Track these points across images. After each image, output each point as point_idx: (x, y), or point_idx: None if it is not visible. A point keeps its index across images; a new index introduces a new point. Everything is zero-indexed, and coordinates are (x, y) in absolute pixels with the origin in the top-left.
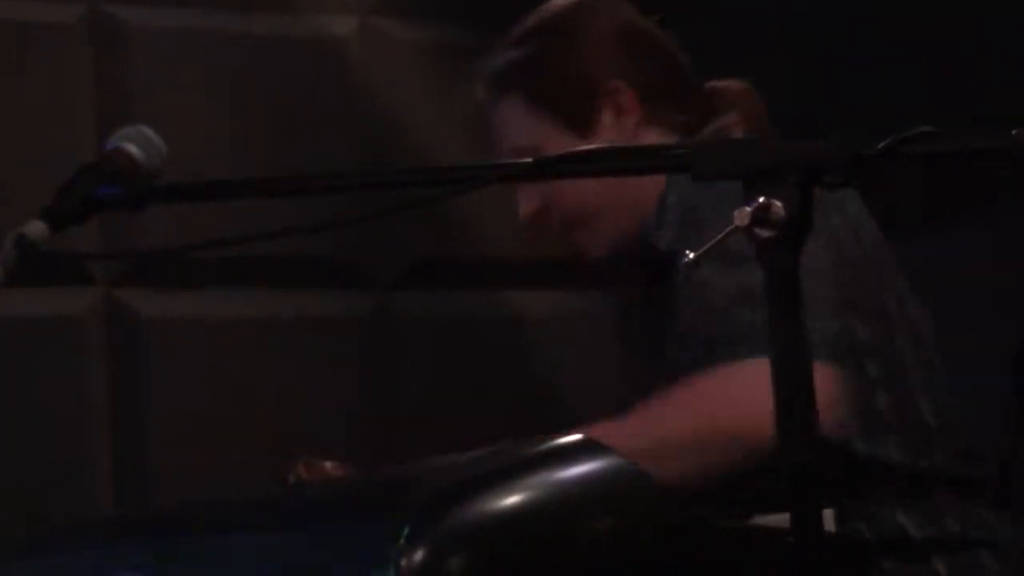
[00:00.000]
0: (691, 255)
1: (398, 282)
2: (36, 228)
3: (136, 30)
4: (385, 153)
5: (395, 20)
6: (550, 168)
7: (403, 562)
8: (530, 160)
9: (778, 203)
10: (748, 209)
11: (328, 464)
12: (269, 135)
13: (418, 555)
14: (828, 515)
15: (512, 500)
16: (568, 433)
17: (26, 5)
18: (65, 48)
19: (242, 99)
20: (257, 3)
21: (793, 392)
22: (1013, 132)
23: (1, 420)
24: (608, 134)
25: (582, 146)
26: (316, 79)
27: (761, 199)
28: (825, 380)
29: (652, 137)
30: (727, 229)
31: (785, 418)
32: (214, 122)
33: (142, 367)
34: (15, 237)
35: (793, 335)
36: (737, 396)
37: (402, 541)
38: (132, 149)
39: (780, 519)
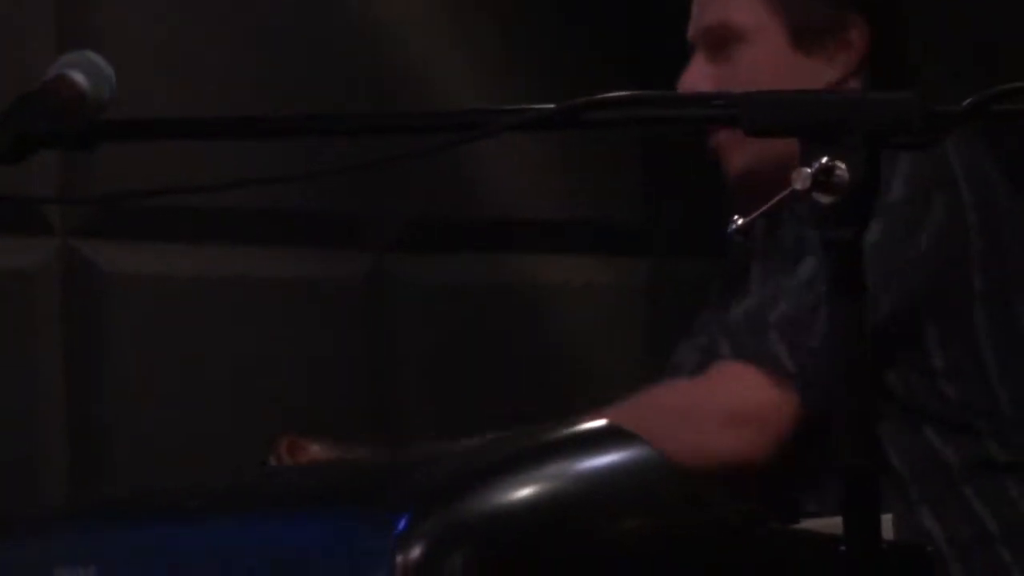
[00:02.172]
0: (739, 220)
1: (395, 242)
2: None
3: None
4: (388, 95)
5: None
6: (575, 115)
7: (399, 558)
8: (552, 107)
9: (842, 165)
10: (808, 171)
11: (315, 447)
12: (258, 71)
13: (416, 550)
14: (887, 520)
15: (525, 491)
16: (581, 416)
17: None
18: None
19: (227, 26)
20: None
21: (848, 386)
22: None
23: None
24: (819, 61)
25: (792, 58)
26: (320, 17)
27: (824, 159)
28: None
29: (853, 86)
30: (784, 192)
31: (841, 415)
32: (193, 54)
33: (102, 328)
34: None
35: (851, 316)
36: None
37: (398, 534)
38: (77, 77)
39: (832, 524)
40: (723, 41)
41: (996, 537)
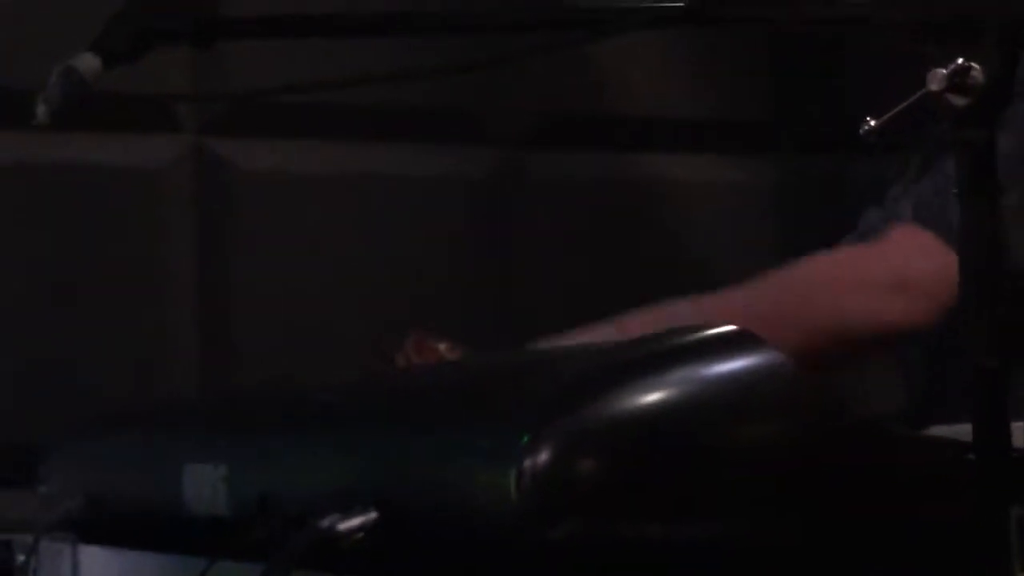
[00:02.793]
0: (871, 122)
1: (524, 138)
2: (86, 62)
3: None
4: None
5: None
6: (705, 12)
7: (526, 463)
8: (680, 3)
9: (977, 66)
10: (944, 72)
11: (442, 345)
12: None
13: (543, 455)
14: (1019, 428)
15: (651, 396)
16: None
17: None
18: None
19: None
20: None
21: (981, 288)
22: None
23: (81, 279)
24: None
25: None
26: None
27: (960, 60)
28: None
29: None
30: (918, 93)
31: (972, 320)
32: None
33: (233, 224)
34: (62, 71)
35: (985, 223)
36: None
37: (526, 439)
38: None
39: (962, 431)
40: None
41: None
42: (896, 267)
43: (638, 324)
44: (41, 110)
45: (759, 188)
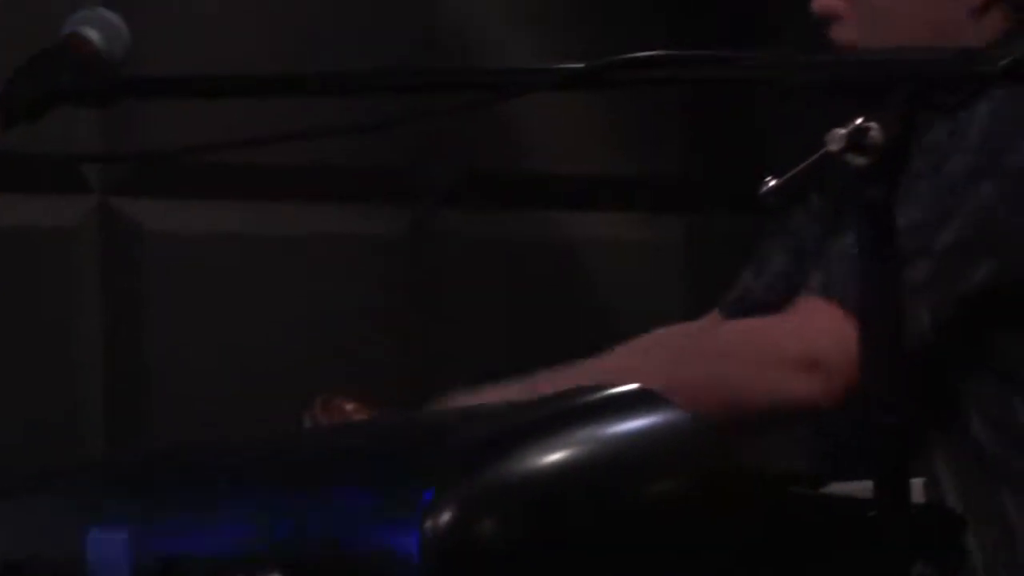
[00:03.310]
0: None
1: (441, 198)
2: None
3: None
4: (434, 53)
5: None
6: (605, 74)
7: (427, 524)
8: (582, 66)
9: (876, 126)
10: (843, 131)
11: (350, 406)
12: (300, 27)
13: (445, 517)
14: (917, 484)
15: (556, 456)
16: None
17: None
18: None
19: None
20: None
21: (880, 347)
22: None
23: None
24: (974, 11)
25: (938, 4)
26: None
27: (858, 120)
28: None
29: (996, 19)
30: (817, 154)
31: (871, 374)
32: (238, 10)
33: (141, 285)
34: None
35: (885, 282)
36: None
37: (427, 502)
38: (91, 34)
39: (862, 487)
40: None
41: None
42: (807, 344)
43: (549, 385)
44: None
45: (669, 245)
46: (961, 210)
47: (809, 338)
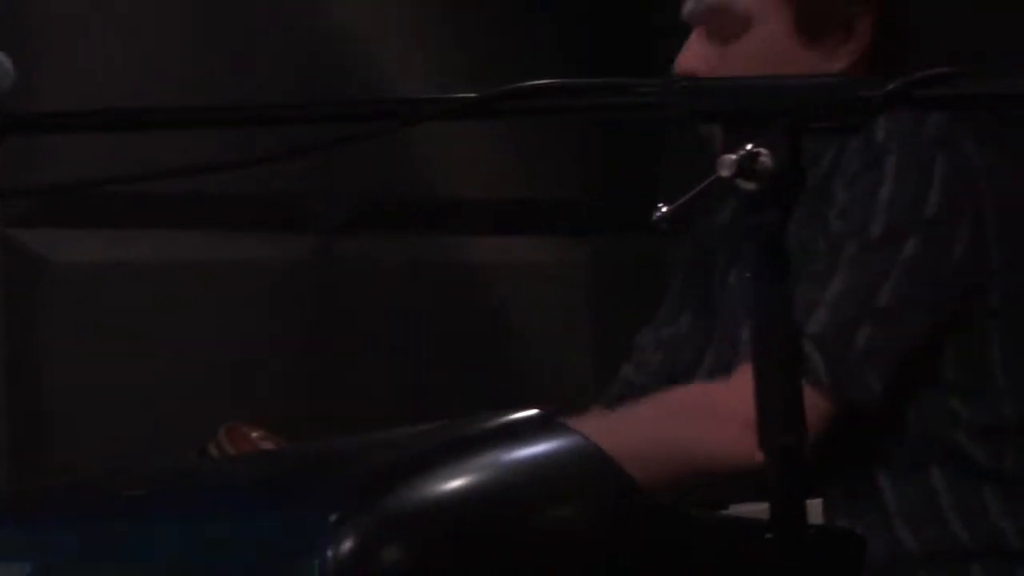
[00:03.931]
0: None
1: (342, 224)
2: None
3: None
4: (332, 84)
5: None
6: (496, 104)
7: (330, 552)
8: (473, 96)
9: (765, 152)
10: (733, 157)
11: (255, 434)
12: (202, 62)
13: (347, 544)
14: (815, 506)
15: (456, 483)
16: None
17: None
18: None
19: (165, 19)
20: None
21: (773, 371)
22: None
23: None
24: (822, 51)
25: (795, 46)
26: None
27: (749, 146)
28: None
29: (858, 75)
30: (708, 179)
31: (766, 398)
32: (137, 47)
33: (43, 317)
34: None
35: (777, 306)
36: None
37: (330, 527)
38: None
39: (759, 509)
40: (724, 24)
41: (970, 552)
42: (748, 409)
43: None
44: None
45: (574, 268)
46: (893, 271)
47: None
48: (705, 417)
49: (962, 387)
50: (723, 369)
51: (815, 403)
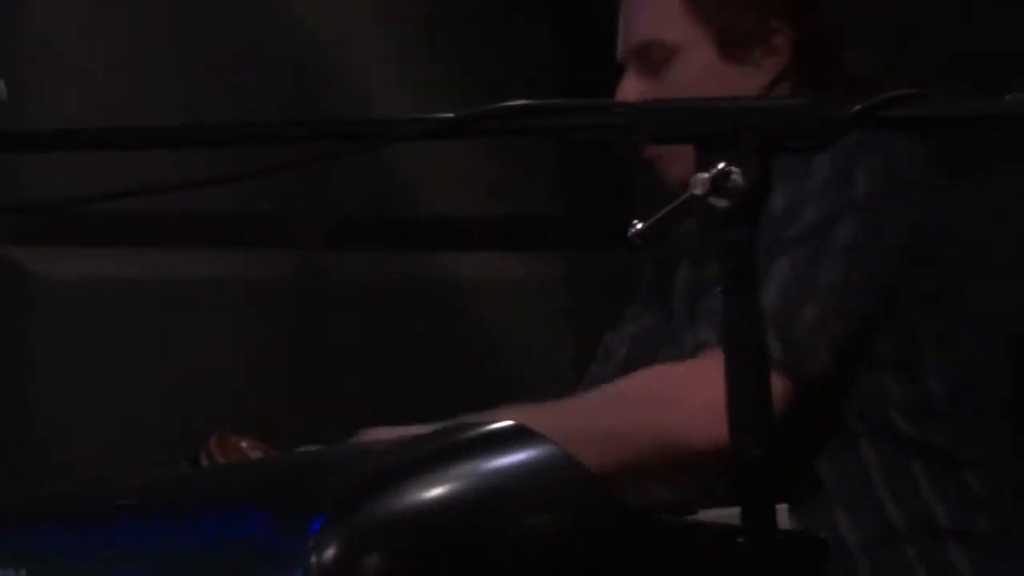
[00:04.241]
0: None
1: (323, 241)
2: None
3: None
4: (314, 103)
5: None
6: (473, 124)
7: (312, 560)
8: (451, 115)
9: (736, 170)
10: (706, 176)
11: (244, 443)
12: (185, 79)
13: (329, 552)
14: (783, 511)
15: (436, 492)
16: (499, 414)
17: None
18: None
19: (151, 40)
20: None
21: (745, 380)
22: (1007, 96)
23: None
24: (748, 69)
25: (722, 68)
26: (238, 19)
27: (721, 165)
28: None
29: (782, 90)
30: (682, 197)
31: (736, 406)
32: (123, 64)
33: (34, 332)
34: None
35: (748, 317)
36: (694, 397)
37: (312, 536)
38: None
39: (730, 514)
40: (654, 58)
41: (904, 535)
42: (709, 391)
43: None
44: None
45: (553, 282)
46: (829, 253)
47: (712, 386)
48: (669, 399)
49: (894, 365)
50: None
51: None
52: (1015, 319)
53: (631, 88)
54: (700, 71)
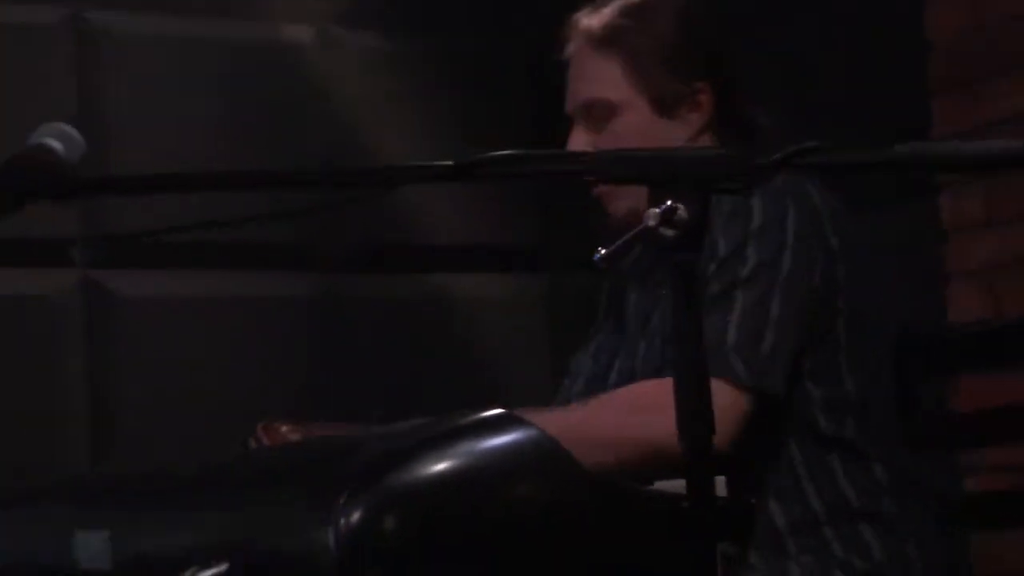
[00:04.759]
0: (602, 251)
1: (345, 266)
2: None
3: (112, 33)
4: (339, 149)
5: (348, 29)
6: (470, 171)
7: (341, 522)
8: (451, 163)
9: (682, 206)
10: (657, 211)
11: (284, 428)
12: (232, 132)
13: (355, 516)
14: (720, 482)
15: (441, 466)
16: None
17: (11, 7)
18: (47, 49)
19: (209, 99)
20: (225, 11)
21: (691, 381)
22: (896, 147)
23: None
24: (676, 123)
25: (655, 123)
26: (277, 81)
27: (669, 202)
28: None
29: (706, 139)
30: (637, 228)
31: (684, 398)
32: (182, 120)
33: (116, 342)
34: None
35: (691, 318)
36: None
37: (341, 502)
38: (54, 144)
39: (678, 485)
40: (597, 114)
41: (823, 520)
42: None
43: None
44: None
45: (533, 300)
46: (776, 287)
47: None
48: (653, 409)
49: (818, 373)
50: (627, 375)
51: (737, 399)
52: (887, 325)
53: (578, 139)
54: (636, 126)
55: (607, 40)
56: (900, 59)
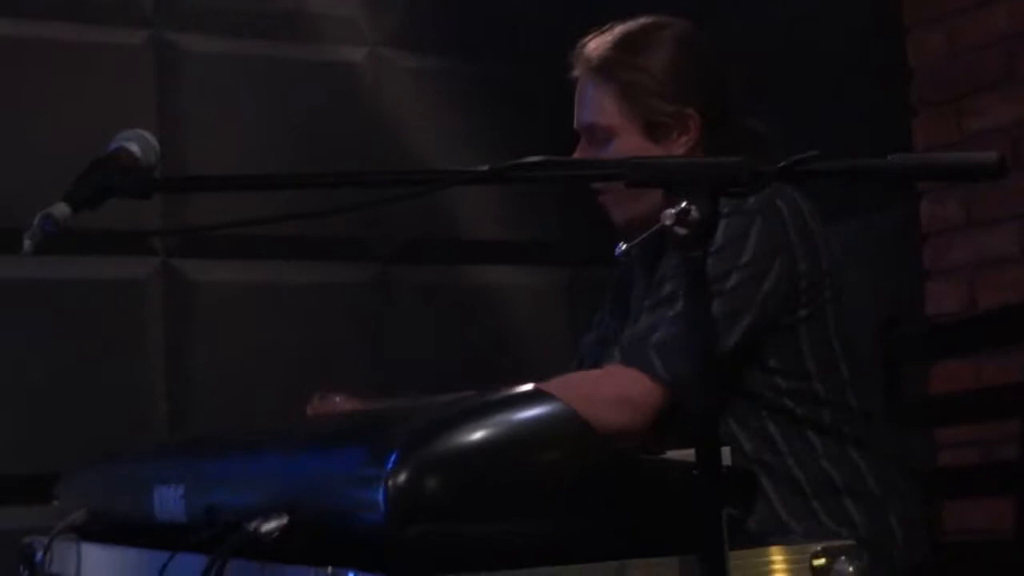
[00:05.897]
0: (623, 245)
1: (394, 257)
2: (60, 209)
3: (188, 53)
4: (387, 155)
5: (400, 50)
6: (503, 175)
7: (390, 482)
8: (487, 168)
9: (694, 207)
10: (672, 211)
11: (338, 398)
12: (292, 140)
13: (403, 476)
14: (725, 452)
15: (479, 434)
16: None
17: (96, 29)
18: (131, 66)
19: (270, 113)
20: (285, 33)
21: (699, 359)
22: (889, 156)
23: (75, 370)
24: (667, 144)
25: (645, 146)
26: (331, 98)
27: (683, 204)
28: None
29: (695, 155)
30: (655, 227)
31: (693, 376)
32: (250, 132)
33: (192, 322)
34: (42, 215)
35: (701, 306)
36: (604, 393)
37: (390, 465)
38: (133, 148)
39: (688, 454)
40: (598, 135)
41: (809, 493)
42: (617, 389)
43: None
44: (26, 244)
45: (556, 290)
46: (720, 296)
47: (619, 385)
48: (584, 395)
49: (782, 370)
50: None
51: (652, 391)
52: (863, 319)
53: (583, 154)
54: (631, 147)
55: (603, 71)
56: (883, 83)
